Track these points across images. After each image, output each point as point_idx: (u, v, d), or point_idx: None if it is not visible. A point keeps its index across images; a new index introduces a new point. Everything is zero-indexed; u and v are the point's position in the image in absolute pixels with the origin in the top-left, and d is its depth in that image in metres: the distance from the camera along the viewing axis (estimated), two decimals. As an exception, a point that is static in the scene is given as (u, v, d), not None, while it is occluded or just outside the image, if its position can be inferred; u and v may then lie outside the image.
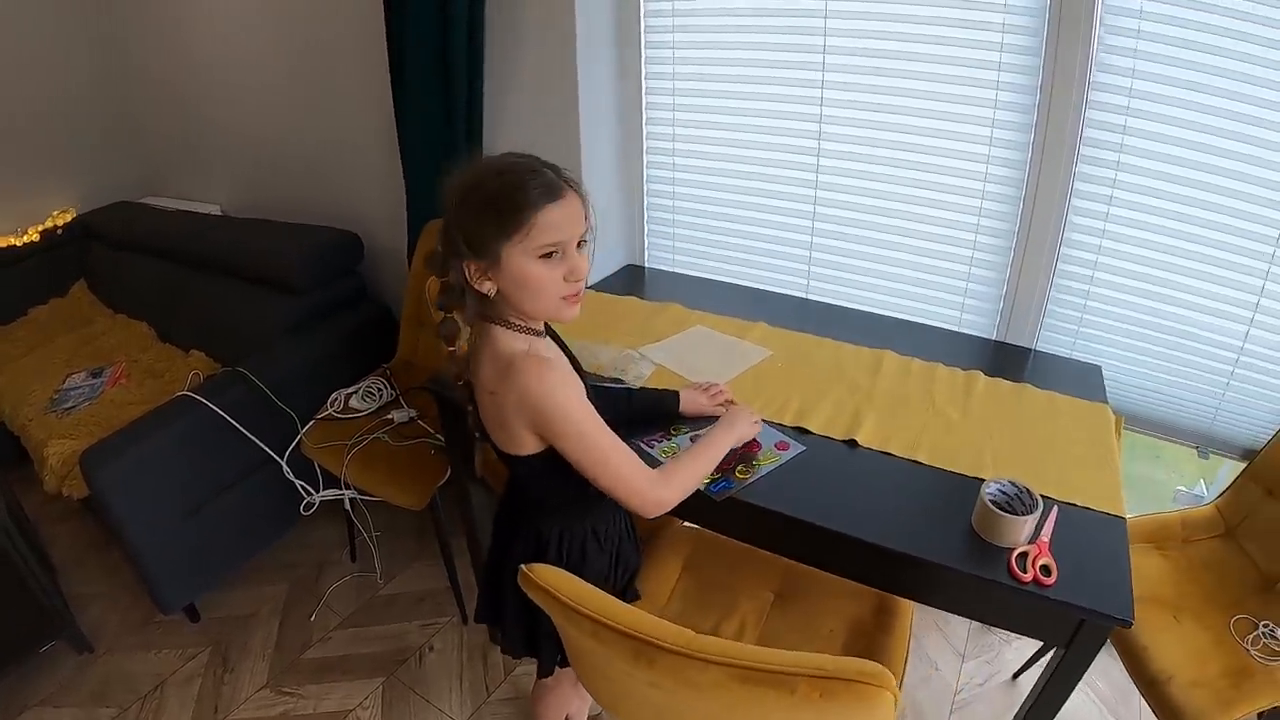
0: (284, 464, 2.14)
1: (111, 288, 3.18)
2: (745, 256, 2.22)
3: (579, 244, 1.11)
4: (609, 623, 0.94)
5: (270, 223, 2.78)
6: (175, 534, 2.05)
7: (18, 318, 3.24)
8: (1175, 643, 1.54)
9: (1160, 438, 1.88)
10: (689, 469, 1.21)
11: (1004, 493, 1.23)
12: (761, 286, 2.19)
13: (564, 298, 1.11)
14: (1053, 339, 1.86)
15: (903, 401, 1.58)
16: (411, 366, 2.36)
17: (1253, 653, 1.51)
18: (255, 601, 2.34)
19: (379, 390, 2.20)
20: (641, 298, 2.09)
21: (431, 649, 2.14)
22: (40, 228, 3.40)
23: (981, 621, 1.71)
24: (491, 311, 1.14)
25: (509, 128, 2.19)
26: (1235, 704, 1.43)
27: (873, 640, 1.40)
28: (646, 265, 2.38)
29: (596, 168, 2.17)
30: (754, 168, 2.10)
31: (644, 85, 2.15)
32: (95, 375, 2.63)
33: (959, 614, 1.36)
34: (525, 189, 1.05)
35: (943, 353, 1.75)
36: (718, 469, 1.33)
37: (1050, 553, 1.16)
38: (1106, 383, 1.71)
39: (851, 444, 1.44)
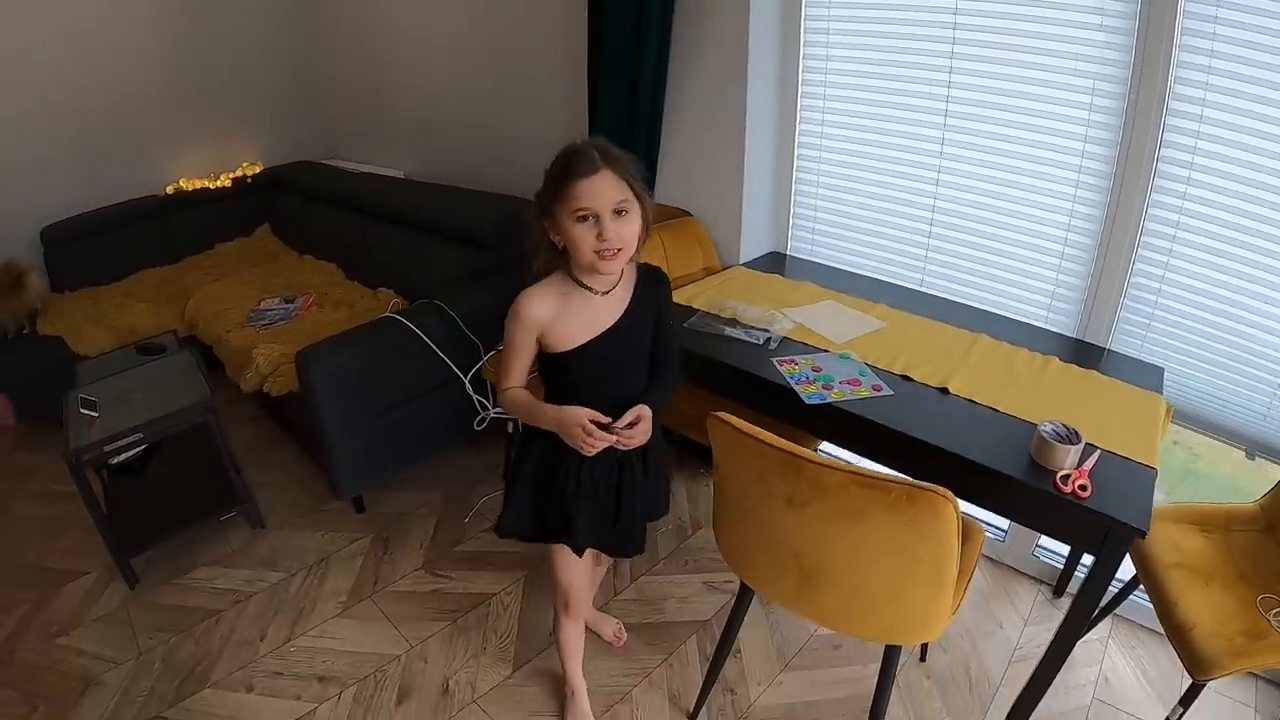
0: (467, 381, 2.73)
1: (297, 232, 3.84)
2: (873, 250, 2.74)
3: (618, 212, 1.47)
4: (772, 442, 1.48)
5: (456, 187, 3.39)
6: (364, 430, 2.61)
7: (205, 250, 3.94)
8: (1203, 602, 1.95)
9: (1214, 437, 2.32)
10: (523, 408, 1.65)
11: (1055, 430, 1.71)
12: (884, 278, 2.70)
13: (597, 253, 1.47)
14: (1125, 340, 2.32)
15: (988, 369, 2.07)
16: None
17: (1273, 622, 1.90)
18: (415, 504, 2.91)
19: (549, 335, 2.79)
20: (783, 276, 2.65)
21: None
22: (232, 175, 4.10)
23: (1029, 526, 2.14)
24: (556, 263, 1.58)
25: (685, 127, 2.78)
26: (1247, 656, 1.81)
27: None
28: (789, 253, 2.93)
29: (754, 165, 2.73)
30: (884, 176, 2.62)
31: (800, 96, 2.71)
32: (288, 301, 3.27)
33: (1012, 518, 1.83)
34: (567, 164, 1.46)
35: (1028, 341, 2.24)
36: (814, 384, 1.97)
37: (1089, 478, 1.65)
38: (1168, 383, 2.17)
39: (944, 391, 1.95)
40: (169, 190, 3.99)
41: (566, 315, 1.59)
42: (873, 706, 1.83)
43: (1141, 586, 2.10)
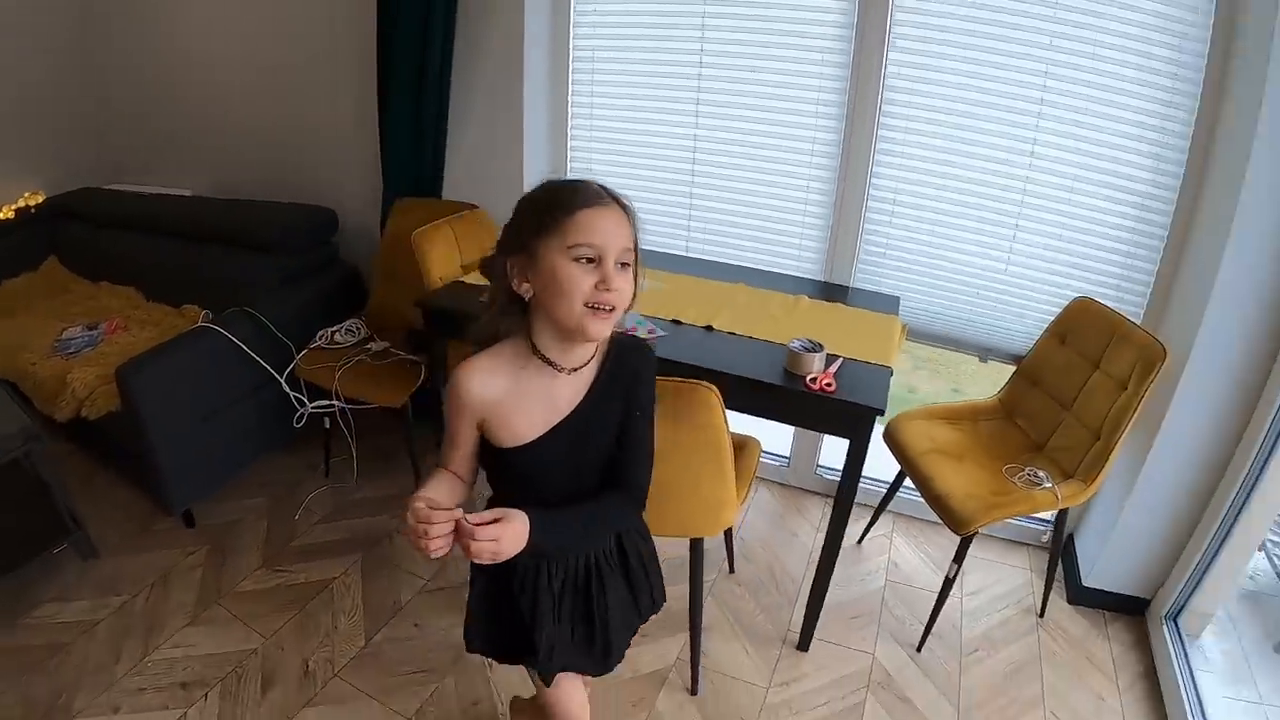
0: (282, 381, 2.89)
1: (89, 260, 3.81)
2: (645, 222, 3.08)
3: (621, 264, 1.24)
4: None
5: (250, 200, 3.51)
6: (189, 440, 2.72)
7: (-9, 289, 3.83)
8: (956, 475, 2.41)
9: (949, 349, 2.84)
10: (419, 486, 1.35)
11: (802, 344, 2.11)
12: (654, 248, 3.05)
13: (590, 306, 1.21)
14: (865, 277, 2.82)
15: (748, 310, 2.47)
16: (382, 313, 3.14)
17: (1017, 483, 2.39)
18: (244, 510, 3.02)
19: (357, 329, 2.99)
20: None
21: (399, 532, 2.89)
22: (14, 207, 4.02)
23: (790, 423, 2.39)
24: (512, 327, 1.32)
25: (470, 126, 3.06)
26: (997, 509, 2.28)
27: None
28: None
29: (532, 156, 3.05)
30: (648, 153, 3.02)
31: (570, 93, 3.05)
32: (91, 328, 3.29)
33: (776, 419, 2.19)
34: (568, 193, 1.22)
35: (783, 286, 2.69)
36: None
37: (834, 378, 2.06)
38: (906, 309, 2.67)
39: (708, 329, 2.33)
40: (-56, 230, 3.86)
41: (517, 399, 1.32)
42: (690, 611, 2.19)
43: (909, 481, 2.55)
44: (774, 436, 3.20)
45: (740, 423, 2.27)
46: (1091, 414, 2.45)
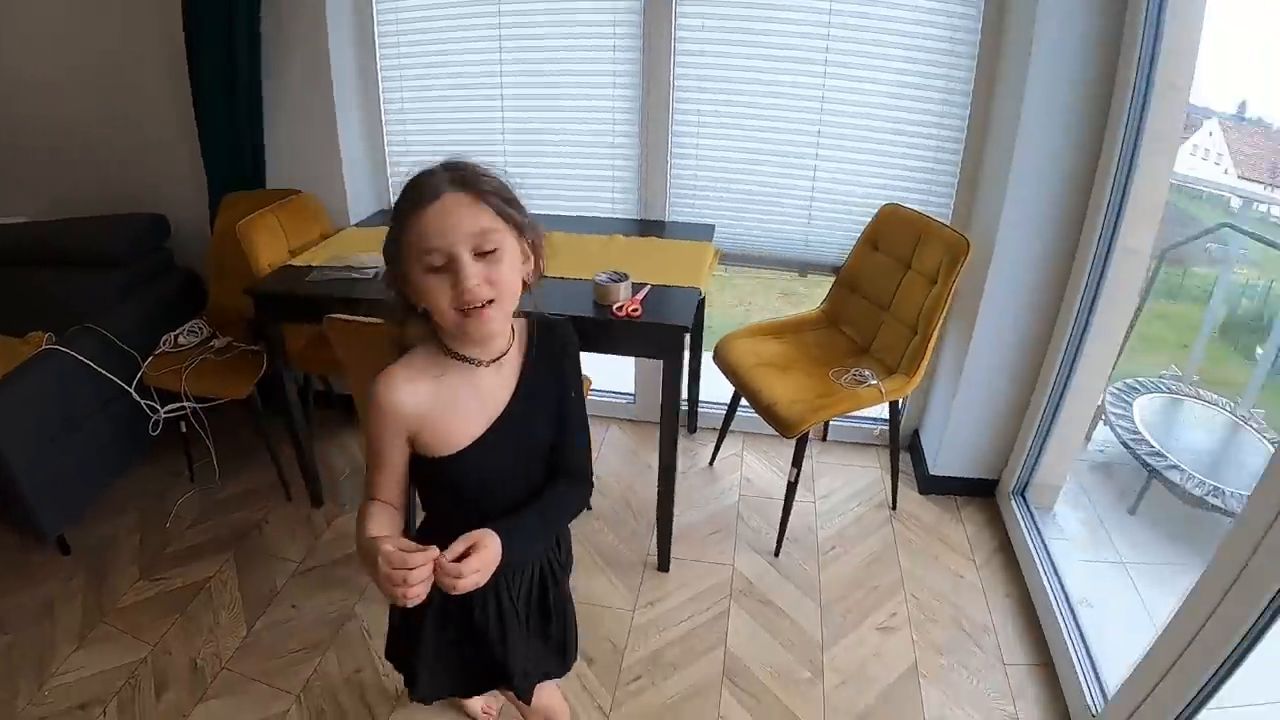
0: (132, 391, 2.91)
1: (-84, 304, 3.75)
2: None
3: (482, 251, 1.13)
4: (368, 320, 1.85)
5: (84, 217, 3.47)
6: (49, 463, 2.70)
7: None
8: (783, 383, 2.55)
9: (771, 268, 2.99)
10: (357, 532, 1.22)
11: (607, 276, 2.23)
12: None
13: (458, 310, 1.14)
14: (679, 210, 2.96)
15: (562, 254, 2.48)
16: (222, 309, 3.16)
17: (842, 384, 2.54)
18: (116, 527, 3.01)
19: (199, 329, 3.01)
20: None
21: (267, 522, 2.95)
22: None
23: (606, 352, 2.36)
24: (423, 330, 1.24)
25: (285, 113, 3.08)
26: (823, 409, 2.43)
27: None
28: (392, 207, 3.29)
29: (348, 135, 3.09)
30: (459, 119, 3.10)
31: (379, 69, 3.10)
32: (-70, 371, 3.26)
33: (594, 350, 2.28)
34: (408, 197, 1.13)
35: (599, 229, 2.80)
36: None
37: (641, 304, 2.18)
38: (722, 235, 2.80)
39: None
40: None
41: (447, 402, 1.24)
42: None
43: (744, 400, 2.68)
44: (619, 377, 3.36)
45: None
46: (908, 311, 2.61)
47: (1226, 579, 1.66)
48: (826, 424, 3.25)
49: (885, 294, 2.69)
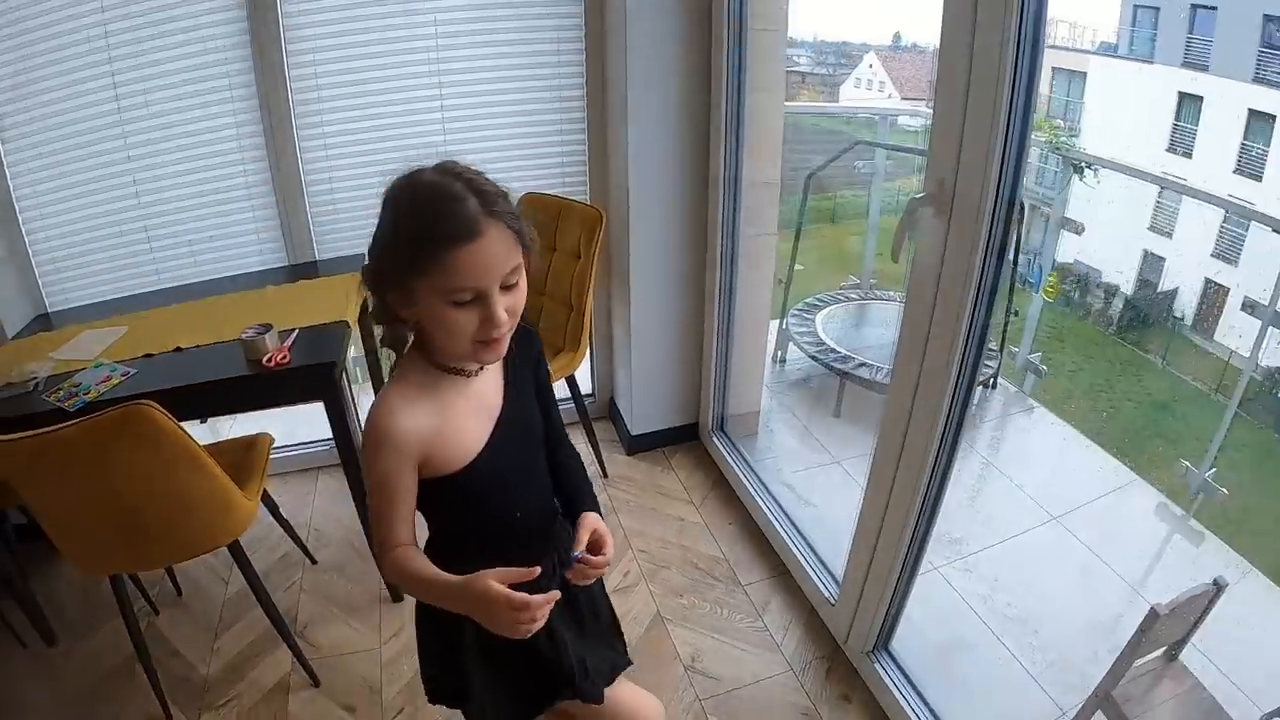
0: None
1: None
2: (115, 274, 2.99)
3: (506, 286, 1.10)
4: (19, 437, 1.78)
5: None
6: None
7: None
8: None
9: None
10: (412, 581, 1.17)
11: (252, 331, 2.23)
12: (127, 293, 2.96)
13: (481, 342, 1.11)
14: (327, 247, 2.99)
15: (216, 319, 2.50)
16: None
17: None
18: None
19: None
20: (48, 331, 2.74)
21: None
22: None
23: (269, 406, 2.42)
24: (404, 341, 1.20)
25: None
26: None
27: (243, 459, 2.36)
28: (50, 310, 2.97)
29: None
30: (102, 205, 2.89)
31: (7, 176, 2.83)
32: None
33: (257, 407, 2.34)
34: (435, 219, 1.04)
35: (250, 284, 2.77)
36: (76, 397, 2.16)
37: (289, 351, 2.20)
38: None
39: (178, 350, 2.36)
40: None
41: (450, 415, 1.20)
42: (266, 612, 2.27)
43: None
44: (316, 428, 3.27)
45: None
46: (561, 289, 2.79)
47: (894, 446, 1.92)
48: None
49: (538, 279, 2.81)
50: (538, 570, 1.10)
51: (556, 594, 1.09)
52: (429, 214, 1.04)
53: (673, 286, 2.99)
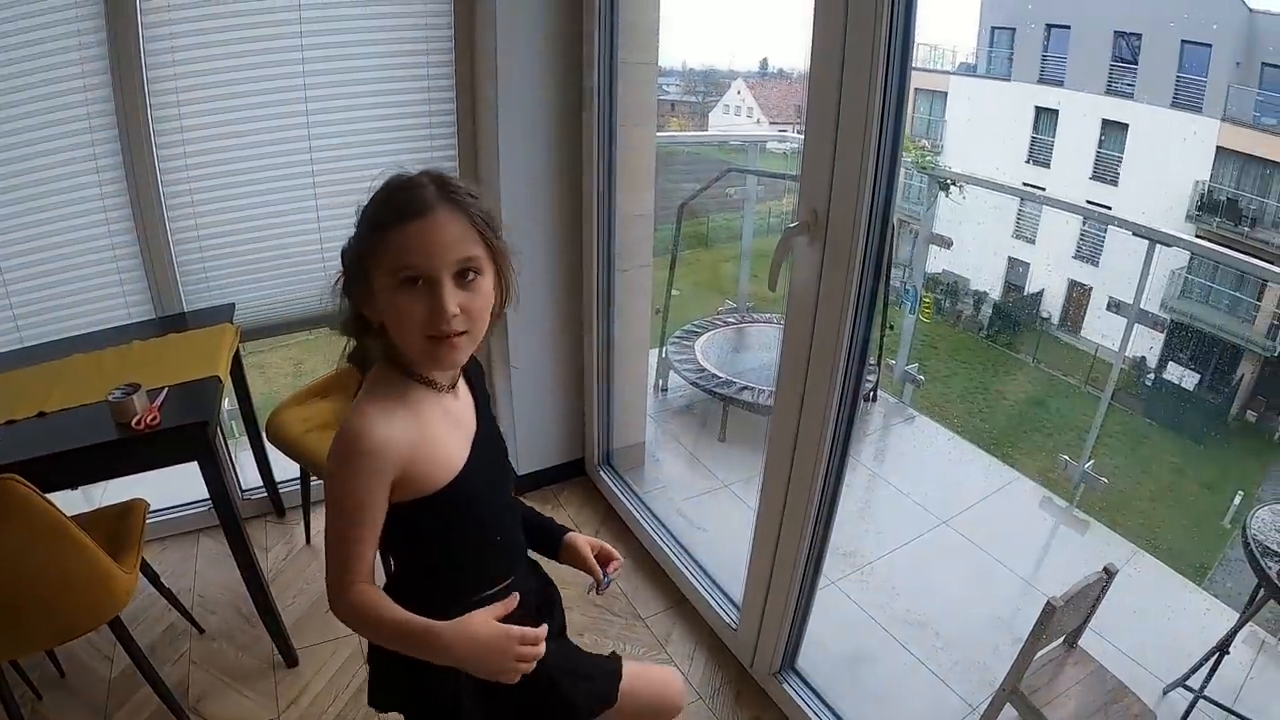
0: None
1: None
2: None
3: (464, 274, 1.08)
4: None
5: None
6: None
7: None
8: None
9: (296, 332, 3.05)
10: (383, 625, 1.09)
11: (119, 392, 2.13)
12: None
13: (430, 337, 1.07)
14: (195, 298, 2.86)
15: (81, 380, 2.37)
16: None
17: None
18: None
19: None
20: None
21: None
22: None
23: (140, 470, 2.24)
24: (380, 350, 1.16)
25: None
26: None
27: (117, 528, 2.24)
28: None
29: None
30: None
31: None
32: None
33: (127, 472, 2.20)
34: (389, 201, 1.07)
35: (117, 340, 2.63)
36: None
37: (159, 411, 2.11)
38: (246, 309, 2.80)
39: (41, 415, 2.22)
40: None
41: (428, 427, 1.15)
42: (152, 685, 2.18)
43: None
44: (191, 486, 3.12)
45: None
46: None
47: (783, 466, 1.97)
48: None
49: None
50: (516, 599, 1.14)
51: (545, 629, 1.11)
52: (386, 198, 1.07)
53: (550, 323, 3.00)
